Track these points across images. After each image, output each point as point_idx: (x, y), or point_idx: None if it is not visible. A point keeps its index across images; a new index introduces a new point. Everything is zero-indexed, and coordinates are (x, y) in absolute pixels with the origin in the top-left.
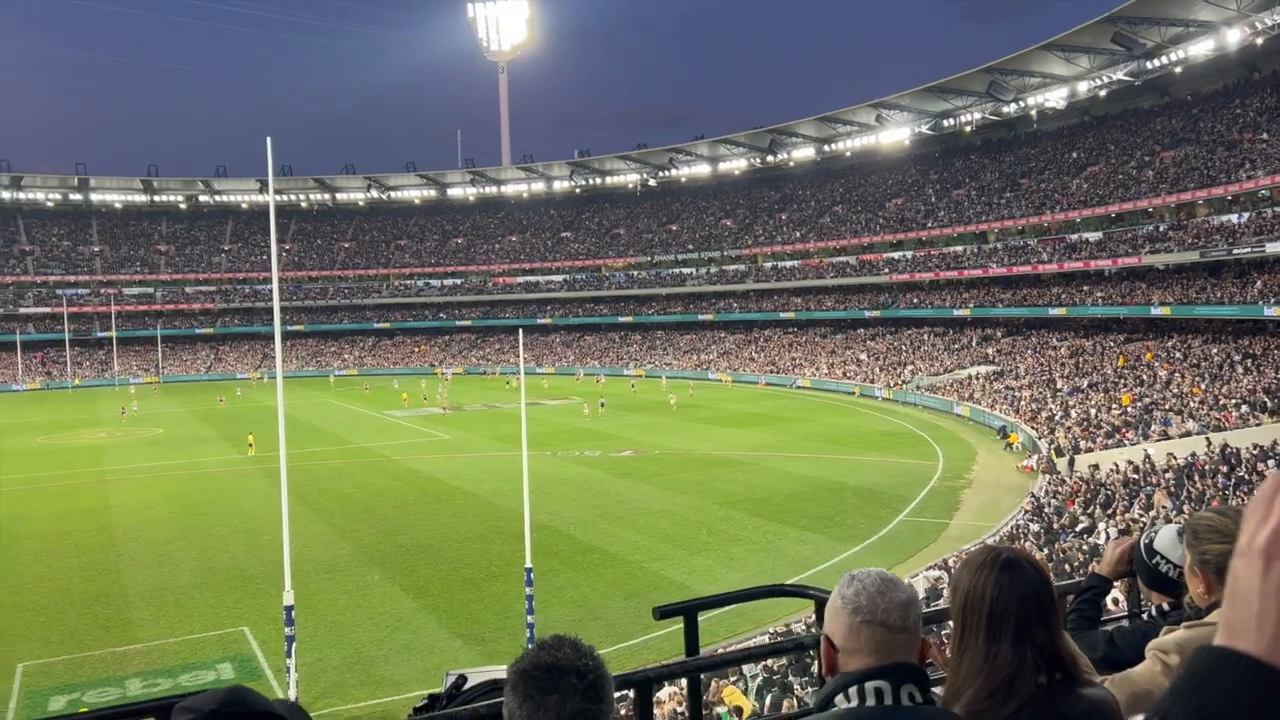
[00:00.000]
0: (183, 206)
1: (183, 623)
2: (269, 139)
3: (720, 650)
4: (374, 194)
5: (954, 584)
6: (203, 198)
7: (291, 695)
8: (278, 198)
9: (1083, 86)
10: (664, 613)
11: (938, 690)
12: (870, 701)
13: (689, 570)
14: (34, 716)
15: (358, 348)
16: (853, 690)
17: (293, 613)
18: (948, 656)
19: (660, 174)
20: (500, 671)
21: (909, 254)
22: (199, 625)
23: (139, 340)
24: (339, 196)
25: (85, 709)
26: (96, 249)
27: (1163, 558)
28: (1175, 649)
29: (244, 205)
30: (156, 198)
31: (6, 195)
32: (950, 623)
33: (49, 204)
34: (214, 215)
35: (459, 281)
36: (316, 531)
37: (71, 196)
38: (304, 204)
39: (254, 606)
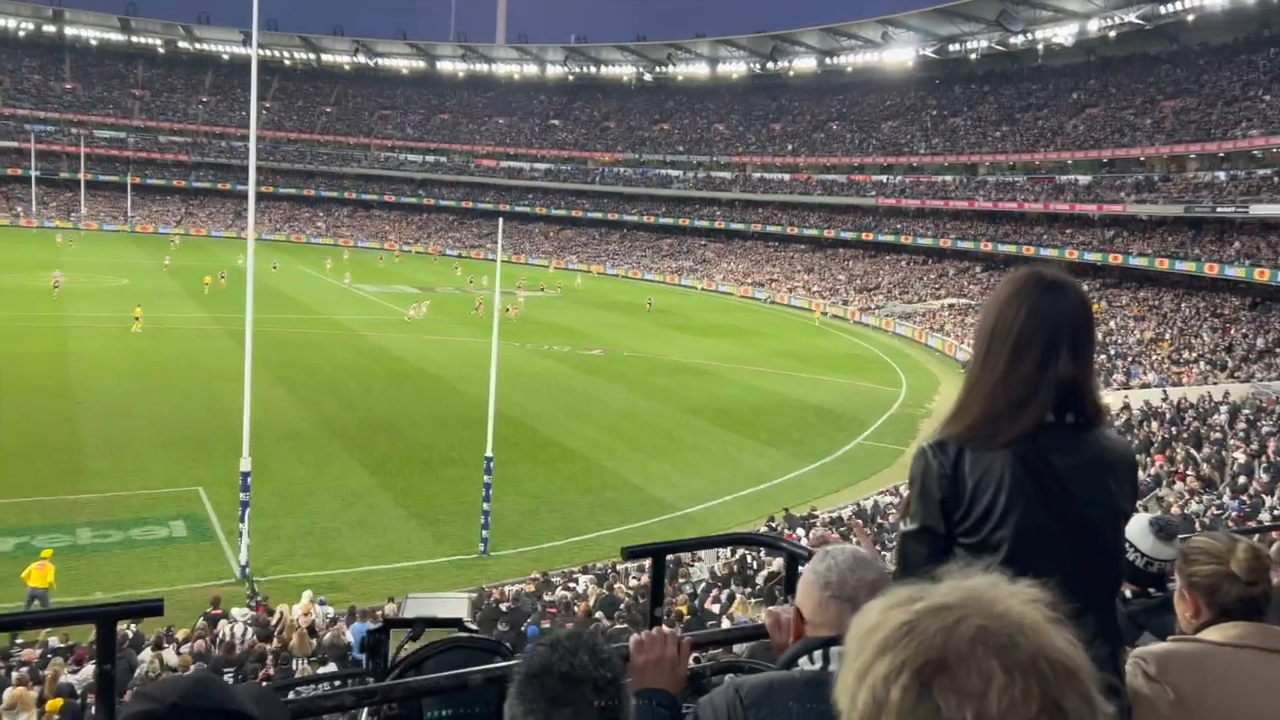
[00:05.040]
0: (161, 51)
1: (137, 477)
2: None
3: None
4: (360, 59)
5: (986, 307)
6: (182, 44)
7: (242, 559)
8: (260, 52)
9: (1093, 25)
10: (632, 553)
11: None
12: (833, 666)
13: (645, 473)
14: None
15: (332, 216)
16: (817, 654)
17: (249, 479)
18: None
19: (657, 69)
20: (443, 601)
21: (898, 178)
22: (154, 481)
23: (108, 186)
24: (324, 58)
25: (48, 553)
26: (68, 86)
27: (1131, 546)
28: (1156, 663)
29: (225, 56)
30: (134, 39)
31: None
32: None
33: (20, 34)
34: (193, 64)
35: (441, 160)
36: (279, 399)
37: (45, 28)
38: (287, 61)
39: (210, 468)
